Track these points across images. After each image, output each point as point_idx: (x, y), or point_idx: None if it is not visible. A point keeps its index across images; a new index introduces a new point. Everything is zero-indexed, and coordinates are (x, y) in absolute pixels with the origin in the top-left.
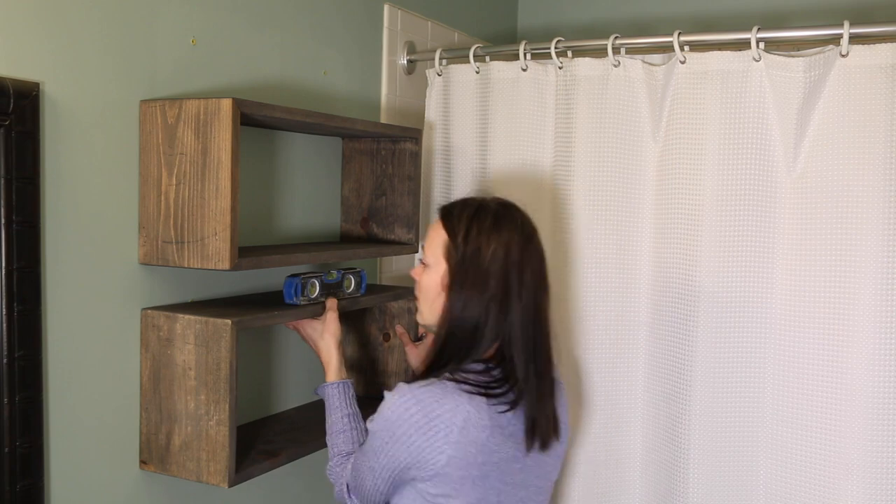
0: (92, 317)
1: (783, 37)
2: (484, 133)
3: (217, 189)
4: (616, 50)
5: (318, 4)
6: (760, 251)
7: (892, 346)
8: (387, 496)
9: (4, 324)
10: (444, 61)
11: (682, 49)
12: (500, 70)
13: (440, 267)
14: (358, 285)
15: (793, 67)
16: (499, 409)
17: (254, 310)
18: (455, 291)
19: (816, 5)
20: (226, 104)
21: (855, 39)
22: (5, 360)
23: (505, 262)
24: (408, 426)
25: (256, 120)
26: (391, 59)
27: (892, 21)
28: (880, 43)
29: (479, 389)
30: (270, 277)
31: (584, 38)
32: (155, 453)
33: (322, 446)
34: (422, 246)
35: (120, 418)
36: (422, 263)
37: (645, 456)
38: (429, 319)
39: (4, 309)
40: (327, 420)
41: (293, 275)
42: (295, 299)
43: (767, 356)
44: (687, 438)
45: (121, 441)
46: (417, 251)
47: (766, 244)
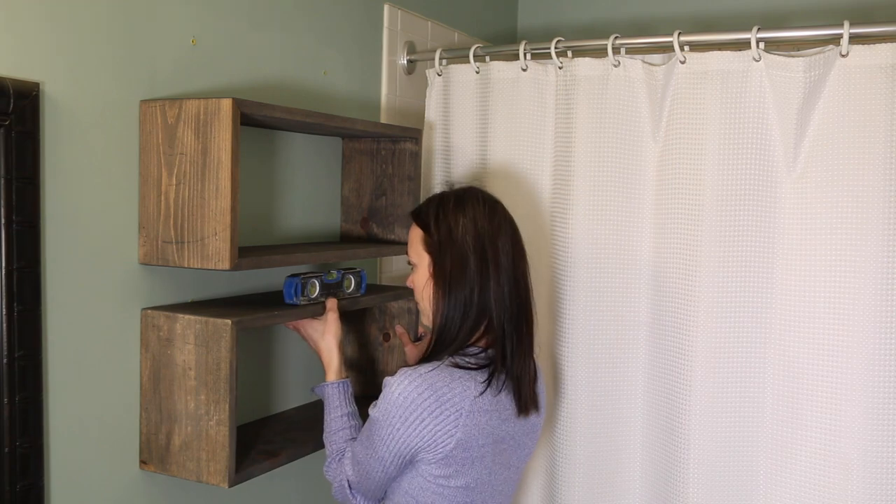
0: (92, 317)
1: (783, 37)
2: (484, 133)
3: (217, 189)
4: (616, 50)
5: (318, 4)
6: (760, 251)
7: (892, 346)
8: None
9: (4, 324)
10: (444, 61)
11: (682, 49)
12: (500, 70)
13: (424, 260)
14: (358, 285)
15: (793, 67)
16: (496, 391)
17: (254, 310)
18: (440, 276)
19: (816, 5)
20: (226, 104)
21: (855, 39)
22: (5, 360)
23: (476, 233)
24: (420, 409)
25: (256, 120)
26: (391, 59)
27: (892, 21)
28: (880, 43)
29: (482, 371)
30: (270, 277)
31: (584, 38)
32: (155, 453)
33: (322, 446)
34: (407, 254)
35: (120, 418)
36: (412, 269)
37: (645, 455)
38: (429, 316)
39: (4, 309)
40: (325, 418)
41: (293, 275)
42: (295, 299)
43: (767, 356)
44: (687, 438)
45: (121, 441)
46: None
47: (766, 244)
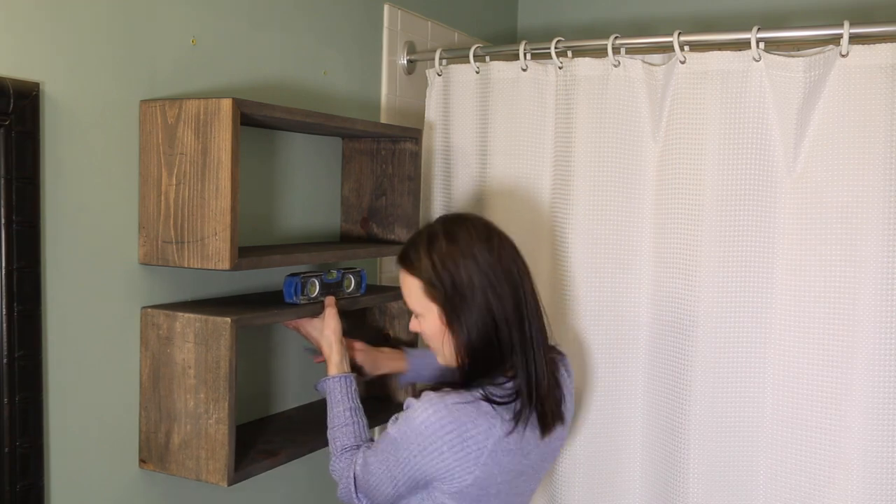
0: (92, 317)
1: (783, 37)
2: (484, 133)
3: (217, 189)
4: (616, 50)
5: (318, 4)
6: (760, 251)
7: (892, 346)
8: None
9: (4, 324)
10: (444, 61)
11: (682, 49)
12: (500, 70)
13: (432, 310)
14: (358, 285)
15: (793, 67)
16: (523, 427)
17: (253, 309)
18: (456, 323)
19: (816, 5)
20: (226, 104)
21: (855, 39)
22: (5, 360)
23: (481, 271)
24: (441, 443)
25: (256, 120)
26: (391, 59)
27: (892, 21)
28: (880, 43)
29: (508, 408)
30: (270, 277)
31: (584, 38)
32: (154, 452)
33: (322, 445)
34: (403, 301)
35: (119, 417)
36: (414, 316)
37: (645, 456)
38: (451, 360)
39: (4, 309)
40: (329, 414)
41: (293, 274)
42: (295, 298)
43: (767, 356)
44: (687, 438)
45: (120, 440)
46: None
47: (766, 244)
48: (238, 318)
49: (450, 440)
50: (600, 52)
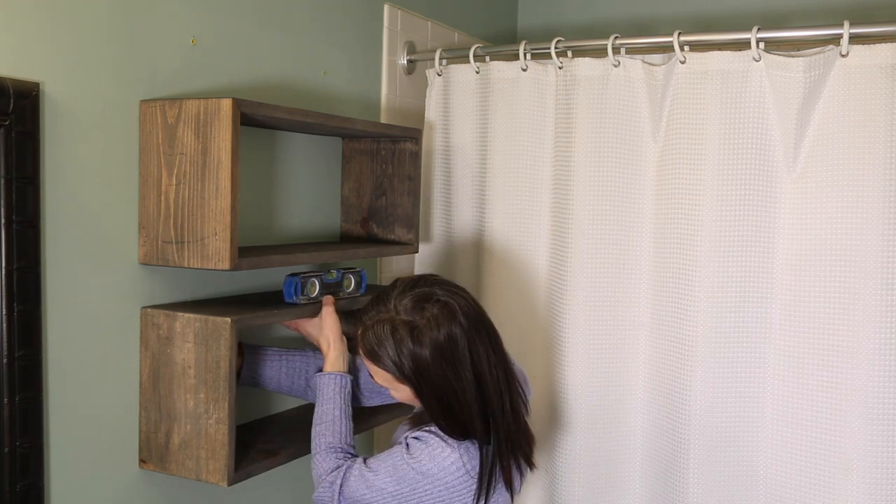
0: (92, 317)
1: (783, 37)
2: (484, 133)
3: (217, 189)
4: (616, 50)
5: (318, 4)
6: (760, 251)
7: (892, 346)
8: None
9: (4, 324)
10: (444, 61)
11: (682, 49)
12: (500, 70)
13: (402, 388)
14: (358, 285)
15: (793, 67)
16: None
17: (253, 308)
18: (428, 397)
19: (816, 5)
20: (226, 104)
21: (855, 39)
22: (5, 360)
23: (442, 354)
24: (451, 489)
25: (256, 120)
26: (391, 59)
27: (892, 21)
28: (880, 43)
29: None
30: (270, 277)
31: (584, 38)
32: (154, 452)
33: None
34: (371, 375)
35: (119, 417)
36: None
37: (645, 456)
38: (413, 404)
39: (4, 309)
40: (316, 409)
41: (293, 274)
42: (295, 298)
43: (767, 356)
44: (687, 438)
45: (120, 440)
46: (417, 251)
47: (766, 244)
48: (238, 319)
49: (458, 485)
50: (600, 52)
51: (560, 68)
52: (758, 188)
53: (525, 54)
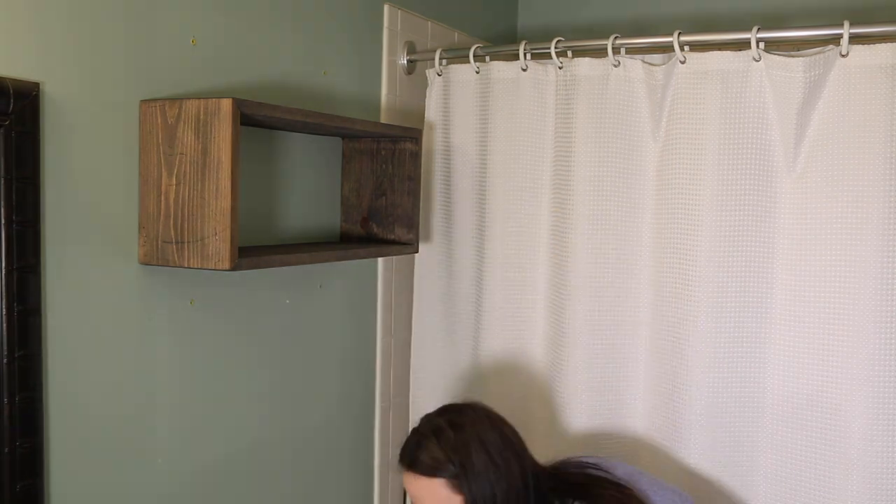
0: (92, 317)
1: (783, 37)
2: (484, 133)
3: (217, 189)
4: (616, 50)
5: (318, 4)
6: (760, 251)
7: (892, 346)
8: None
9: (4, 324)
10: (444, 61)
11: (682, 49)
12: (500, 70)
13: (455, 500)
14: None
15: (793, 67)
16: None
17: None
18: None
19: (816, 5)
20: (226, 104)
21: (855, 39)
22: (5, 360)
23: (490, 450)
24: None
25: (256, 120)
26: (391, 59)
27: (892, 21)
28: (880, 43)
29: None
30: (270, 277)
31: (584, 38)
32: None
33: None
34: None
35: (120, 417)
36: None
37: (645, 456)
38: None
39: (4, 309)
40: None
41: None
42: None
43: (768, 356)
44: (687, 438)
45: (120, 440)
46: (417, 251)
47: (766, 244)
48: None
49: None
50: (600, 52)
51: (560, 68)
52: (758, 188)
53: (525, 54)
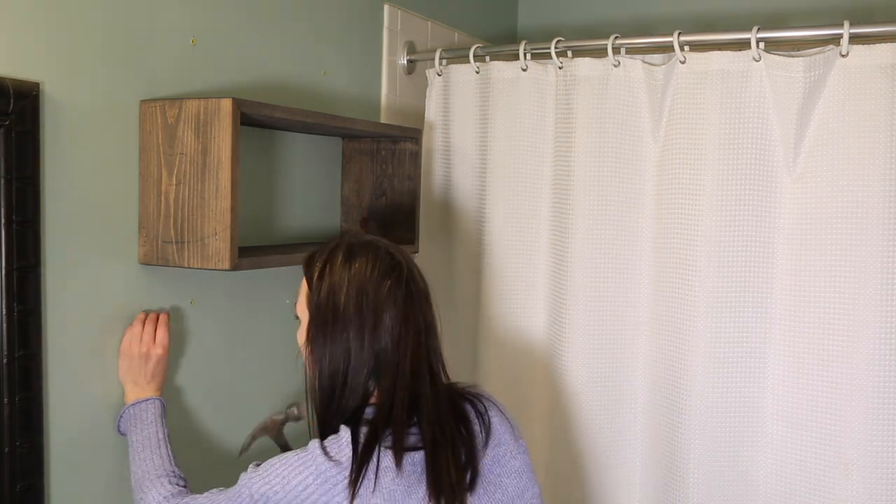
0: (92, 317)
1: (783, 37)
2: (484, 133)
3: (217, 189)
4: (616, 50)
5: (318, 4)
6: (760, 251)
7: (892, 346)
8: None
9: (4, 324)
10: (444, 61)
11: (683, 49)
12: (500, 70)
13: (305, 319)
14: None
15: (793, 67)
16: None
17: None
18: (317, 340)
19: (816, 5)
20: (226, 104)
21: (855, 39)
22: (5, 360)
23: (359, 294)
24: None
25: (256, 120)
26: (391, 59)
27: (892, 21)
28: (880, 43)
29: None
30: (270, 277)
31: (584, 38)
32: None
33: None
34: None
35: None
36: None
37: (645, 456)
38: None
39: (4, 309)
40: (130, 447)
41: None
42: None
43: (767, 356)
44: (687, 439)
45: (120, 440)
46: (417, 251)
47: (766, 244)
48: None
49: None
50: (600, 53)
51: (560, 68)
52: (758, 188)
53: (525, 54)
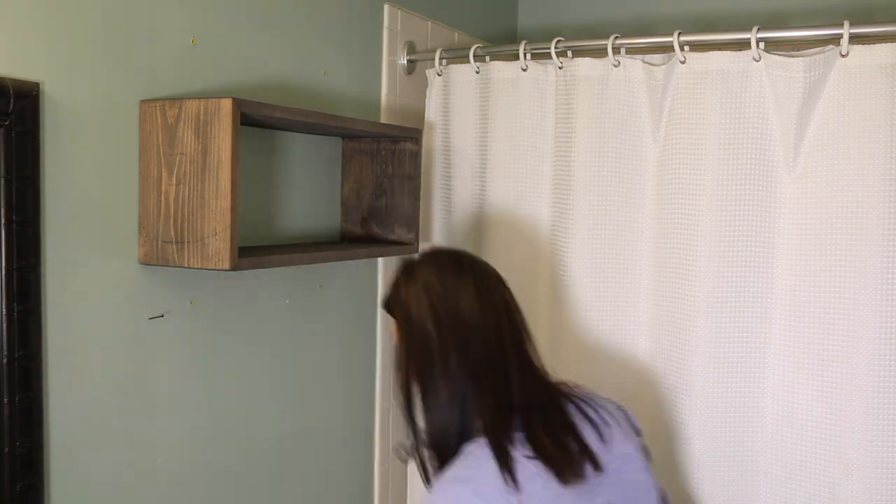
0: (92, 317)
1: (783, 37)
2: (484, 133)
3: (217, 189)
4: (616, 50)
5: (318, 4)
6: (760, 251)
7: (892, 346)
8: None
9: (4, 324)
10: (444, 61)
11: (683, 49)
12: (500, 70)
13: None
14: None
15: (793, 67)
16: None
17: None
18: (412, 373)
19: (816, 5)
20: (226, 104)
21: (855, 39)
22: (5, 360)
23: (431, 303)
24: None
25: (256, 120)
26: (391, 59)
27: (892, 21)
28: (880, 43)
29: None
30: (270, 278)
31: (584, 38)
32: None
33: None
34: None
35: (120, 418)
36: None
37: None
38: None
39: (4, 309)
40: None
41: None
42: None
43: (767, 356)
44: (687, 439)
45: (120, 440)
46: (417, 251)
47: (766, 244)
48: None
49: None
50: (600, 53)
51: (560, 68)
52: (758, 188)
53: (525, 54)
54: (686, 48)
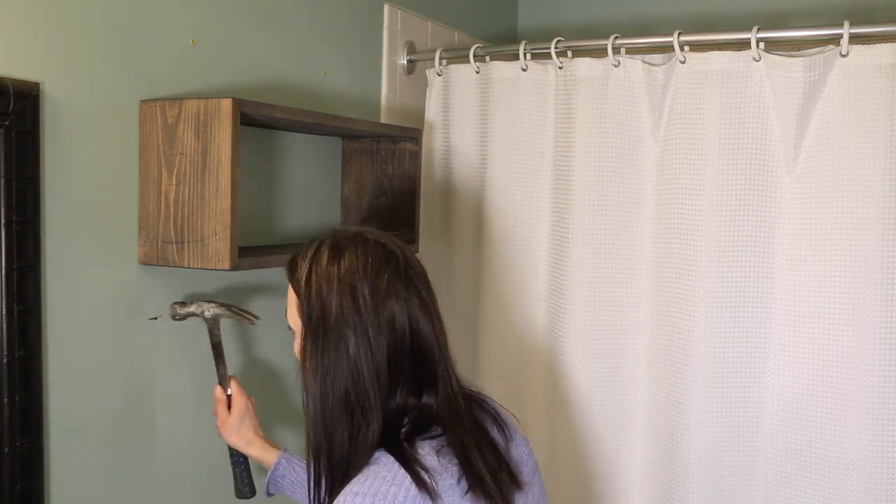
0: (92, 317)
1: (783, 37)
2: (484, 133)
3: (217, 189)
4: (616, 50)
5: (318, 4)
6: (760, 251)
7: (892, 346)
8: None
9: (4, 324)
10: (444, 61)
11: (683, 49)
12: (500, 70)
13: (300, 331)
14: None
15: (793, 67)
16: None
17: None
18: (314, 356)
19: (816, 5)
20: (226, 104)
21: (855, 39)
22: (5, 360)
23: (354, 300)
24: None
25: (256, 120)
26: (391, 59)
27: (892, 21)
28: (880, 43)
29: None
30: (270, 277)
31: (584, 38)
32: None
33: None
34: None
35: (120, 418)
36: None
37: (645, 456)
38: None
39: (4, 309)
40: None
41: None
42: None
43: (767, 357)
44: (687, 439)
45: (120, 440)
46: (417, 251)
47: (766, 244)
48: None
49: None
50: (600, 53)
51: (560, 68)
52: (758, 188)
53: (525, 54)
54: (686, 48)
